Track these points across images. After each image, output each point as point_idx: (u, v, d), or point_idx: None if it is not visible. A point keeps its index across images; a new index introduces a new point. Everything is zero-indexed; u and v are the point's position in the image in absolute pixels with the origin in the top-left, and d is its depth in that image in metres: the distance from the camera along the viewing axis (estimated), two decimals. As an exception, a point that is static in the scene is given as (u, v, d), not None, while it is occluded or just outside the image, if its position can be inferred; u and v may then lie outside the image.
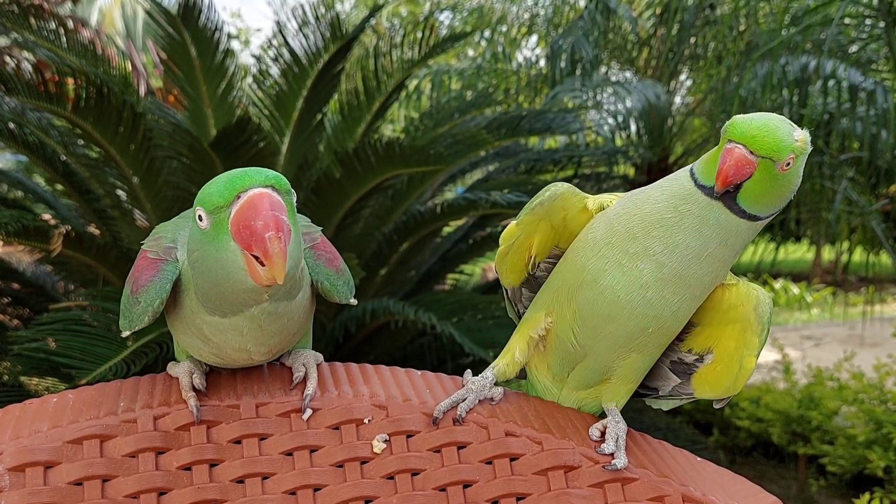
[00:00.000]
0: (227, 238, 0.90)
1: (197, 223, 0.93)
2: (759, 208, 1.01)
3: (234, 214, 0.89)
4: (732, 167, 0.97)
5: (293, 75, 3.80)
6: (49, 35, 3.45)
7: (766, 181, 0.98)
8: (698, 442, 4.80)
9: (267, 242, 0.87)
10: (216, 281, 0.94)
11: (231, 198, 0.90)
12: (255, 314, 0.98)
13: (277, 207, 0.89)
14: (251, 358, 1.07)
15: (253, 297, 0.96)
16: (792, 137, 0.97)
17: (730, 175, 0.97)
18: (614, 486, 1.08)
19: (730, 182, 0.97)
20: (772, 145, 0.96)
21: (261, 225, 0.87)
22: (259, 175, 0.91)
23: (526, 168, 4.59)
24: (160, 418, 1.05)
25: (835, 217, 4.34)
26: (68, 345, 2.66)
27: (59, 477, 0.98)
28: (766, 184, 0.99)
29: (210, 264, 0.94)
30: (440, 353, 3.64)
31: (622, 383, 1.16)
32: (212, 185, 0.92)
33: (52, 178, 3.89)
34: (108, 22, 13.20)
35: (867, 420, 4.92)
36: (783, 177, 0.99)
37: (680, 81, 7.38)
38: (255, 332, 1.01)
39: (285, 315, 1.02)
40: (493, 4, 8.03)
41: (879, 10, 3.80)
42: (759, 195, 1.00)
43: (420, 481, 1.06)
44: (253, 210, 0.88)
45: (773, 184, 0.99)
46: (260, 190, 0.90)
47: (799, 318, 11.35)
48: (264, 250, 0.87)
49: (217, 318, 0.99)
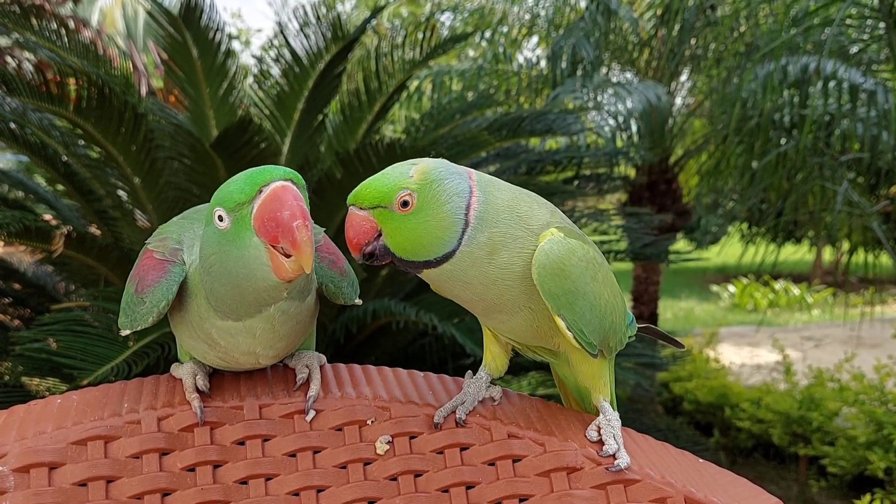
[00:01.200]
0: (249, 234, 0.91)
1: (215, 225, 0.93)
2: (425, 252, 0.97)
3: (257, 208, 0.90)
4: (350, 230, 0.97)
5: (294, 76, 3.81)
6: (50, 35, 3.45)
7: (401, 229, 0.96)
8: (699, 443, 4.80)
9: (295, 231, 0.88)
10: (236, 281, 0.95)
11: (253, 193, 0.91)
12: (271, 314, 0.99)
13: (300, 199, 0.91)
14: (258, 362, 1.08)
15: (273, 295, 0.97)
16: (403, 177, 0.96)
17: (352, 238, 0.97)
18: (616, 487, 1.08)
19: (358, 245, 0.96)
20: (373, 194, 0.96)
21: (287, 215, 0.89)
22: (278, 170, 0.92)
23: (527, 169, 4.58)
24: (164, 419, 1.05)
25: (835, 218, 4.34)
26: (70, 345, 2.66)
27: (63, 478, 0.98)
28: (404, 230, 0.96)
29: (230, 265, 0.94)
30: (441, 354, 3.64)
31: (586, 376, 1.17)
32: (231, 184, 0.93)
33: (54, 179, 3.90)
34: (109, 22, 13.20)
35: (868, 421, 4.92)
36: (416, 215, 0.96)
37: (681, 82, 7.39)
38: (267, 335, 1.02)
39: (296, 316, 1.03)
40: (493, 5, 8.04)
41: (880, 11, 3.81)
42: (407, 242, 0.97)
43: (423, 483, 1.06)
44: (278, 202, 0.90)
45: (411, 226, 0.96)
46: (282, 182, 0.91)
47: (800, 319, 11.36)
48: (293, 239, 0.88)
49: (230, 323, 1.00)
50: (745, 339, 9.45)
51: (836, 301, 10.36)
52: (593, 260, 1.05)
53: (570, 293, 1.01)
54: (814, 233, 6.09)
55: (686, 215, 7.13)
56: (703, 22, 6.20)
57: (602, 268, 1.07)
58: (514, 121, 4.08)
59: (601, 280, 1.06)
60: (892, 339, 6.02)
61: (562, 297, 1.01)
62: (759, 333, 9.56)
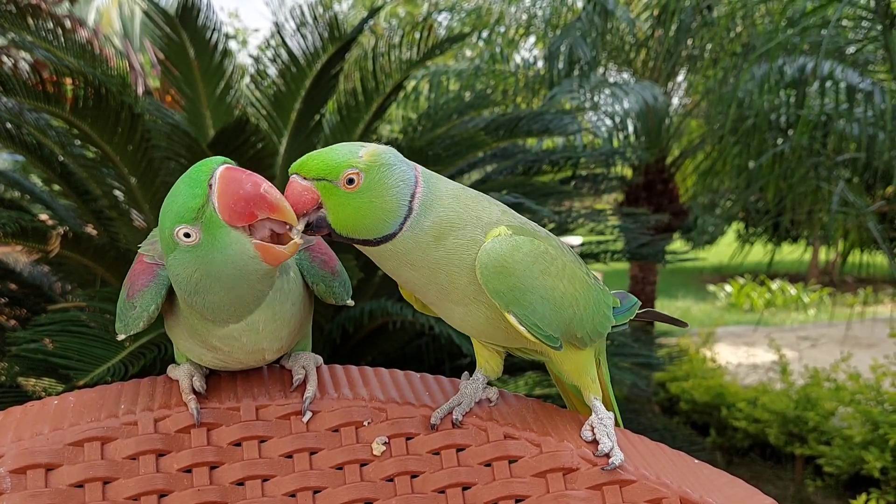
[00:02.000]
0: (224, 232, 0.90)
1: (182, 245, 0.91)
2: (366, 231, 0.99)
3: (217, 200, 0.89)
4: (291, 198, 0.96)
5: (291, 76, 3.80)
6: (46, 35, 3.44)
7: (343, 205, 0.97)
8: (695, 443, 4.81)
9: (267, 196, 0.88)
10: (230, 285, 0.94)
11: (205, 191, 0.89)
12: (269, 301, 0.99)
13: (248, 171, 0.91)
14: (264, 357, 1.07)
15: (268, 282, 0.97)
16: (353, 155, 0.97)
17: (293, 207, 0.96)
18: (612, 488, 1.08)
19: (297, 214, 0.95)
20: (320, 166, 0.96)
21: (250, 186, 0.88)
22: (212, 160, 0.92)
23: (524, 169, 4.59)
24: (160, 421, 1.05)
25: (831, 218, 4.35)
26: (66, 346, 2.66)
27: (60, 479, 0.98)
28: (347, 207, 0.97)
29: (218, 272, 0.93)
30: (438, 355, 3.64)
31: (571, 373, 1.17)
32: (176, 199, 0.91)
33: (50, 179, 3.89)
34: (106, 22, 13.18)
35: (864, 421, 4.93)
36: (360, 195, 0.97)
37: (677, 83, 7.40)
38: (269, 325, 1.01)
39: (289, 295, 1.02)
40: (490, 5, 8.04)
41: (877, 12, 3.82)
42: (349, 219, 0.98)
43: (419, 483, 1.06)
44: (234, 182, 0.89)
45: (355, 204, 0.97)
46: (224, 165, 0.91)
47: (796, 319, 11.38)
48: (269, 203, 0.88)
49: (231, 327, 1.00)
50: (742, 339, 9.47)
51: (832, 301, 10.39)
52: (544, 253, 1.05)
53: (517, 289, 1.02)
54: (810, 233, 6.10)
55: (683, 215, 7.14)
56: (700, 22, 6.20)
57: (557, 260, 1.07)
58: (511, 121, 4.08)
59: (555, 273, 1.06)
60: (887, 339, 6.03)
61: (507, 293, 1.02)
62: (756, 333, 9.58)
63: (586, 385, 1.17)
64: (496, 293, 1.02)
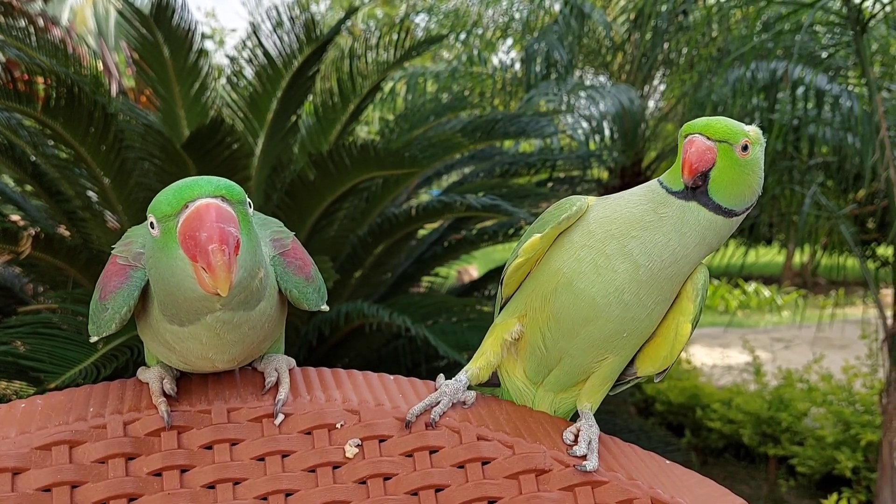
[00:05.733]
0: (175, 246, 0.89)
1: (150, 231, 0.92)
2: (731, 201, 1.04)
3: (181, 224, 0.88)
4: (695, 154, 1.02)
5: (267, 77, 3.79)
6: (18, 33, 3.39)
7: (730, 168, 1.03)
8: (671, 443, 4.84)
9: (210, 255, 0.85)
10: (169, 289, 0.93)
11: (179, 206, 0.88)
12: (210, 323, 0.96)
13: (225, 219, 0.87)
14: (215, 365, 1.06)
15: (205, 306, 0.94)
16: (743, 126, 1.04)
17: (694, 162, 1.01)
18: (584, 489, 1.09)
19: (696, 169, 1.01)
20: (725, 129, 1.02)
21: (205, 237, 0.86)
22: (209, 185, 0.90)
23: (501, 171, 4.60)
24: (130, 424, 1.04)
25: (803, 221, 4.40)
26: (37, 348, 2.62)
27: (27, 483, 0.97)
28: (731, 171, 1.03)
29: (162, 271, 0.92)
30: (415, 356, 3.64)
31: (599, 384, 1.17)
32: (162, 193, 0.91)
33: (22, 179, 3.84)
34: (80, 21, 13.02)
35: (836, 421, 5.00)
36: (745, 164, 1.04)
37: (653, 86, 7.45)
38: (213, 341, 0.99)
39: (244, 324, 1.00)
40: (468, 7, 8.05)
41: (848, 18, 3.87)
42: (728, 184, 1.04)
43: (392, 486, 1.06)
44: (198, 221, 0.87)
45: (738, 171, 1.04)
46: (207, 200, 0.88)
47: (770, 321, 11.50)
48: (207, 262, 0.85)
49: (176, 327, 0.98)
50: (717, 341, 9.56)
51: (805, 303, 10.51)
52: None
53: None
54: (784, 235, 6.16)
55: (658, 218, 7.17)
56: (676, 27, 6.25)
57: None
58: (489, 123, 4.09)
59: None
60: (859, 341, 6.12)
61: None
62: (731, 335, 9.67)
63: (598, 395, 1.19)
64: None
